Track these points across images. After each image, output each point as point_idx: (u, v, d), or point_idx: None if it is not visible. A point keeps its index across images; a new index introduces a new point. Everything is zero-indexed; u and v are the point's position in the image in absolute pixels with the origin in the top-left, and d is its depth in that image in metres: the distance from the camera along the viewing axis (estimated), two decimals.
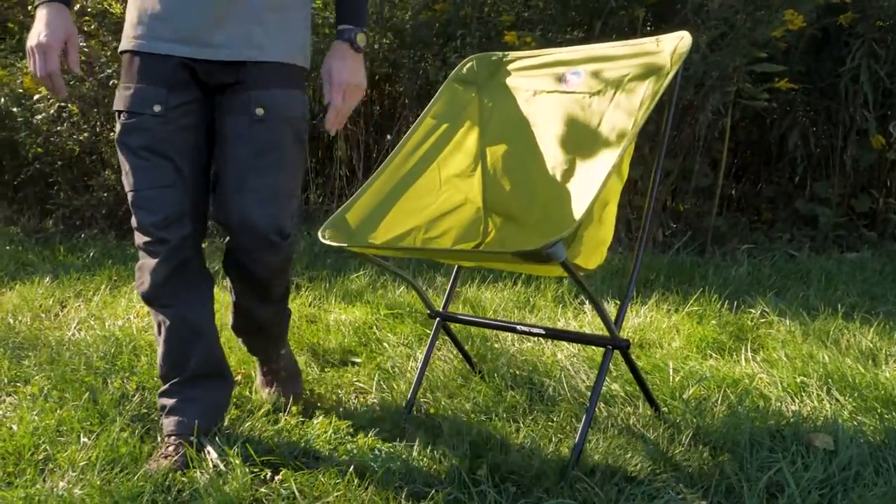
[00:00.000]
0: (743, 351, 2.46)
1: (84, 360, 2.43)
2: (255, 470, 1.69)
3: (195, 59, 1.74)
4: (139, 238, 1.80)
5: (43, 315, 3.02)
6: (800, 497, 1.54)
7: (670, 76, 1.84)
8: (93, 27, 4.62)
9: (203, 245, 1.91)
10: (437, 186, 2.18)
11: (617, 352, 1.84)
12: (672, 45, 1.90)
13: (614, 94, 2.03)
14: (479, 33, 4.74)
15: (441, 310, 2.24)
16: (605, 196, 1.78)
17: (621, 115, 1.99)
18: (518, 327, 2.05)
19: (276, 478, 1.68)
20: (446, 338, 2.36)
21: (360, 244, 1.91)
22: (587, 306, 3.04)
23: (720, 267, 3.71)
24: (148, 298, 1.82)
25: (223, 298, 2.53)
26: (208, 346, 1.88)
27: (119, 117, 1.76)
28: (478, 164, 2.25)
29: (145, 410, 2.09)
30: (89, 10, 4.49)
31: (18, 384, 2.27)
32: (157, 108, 1.72)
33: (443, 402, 2.13)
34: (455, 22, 4.83)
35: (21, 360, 2.45)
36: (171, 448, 1.79)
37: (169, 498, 1.61)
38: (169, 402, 1.88)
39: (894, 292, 3.19)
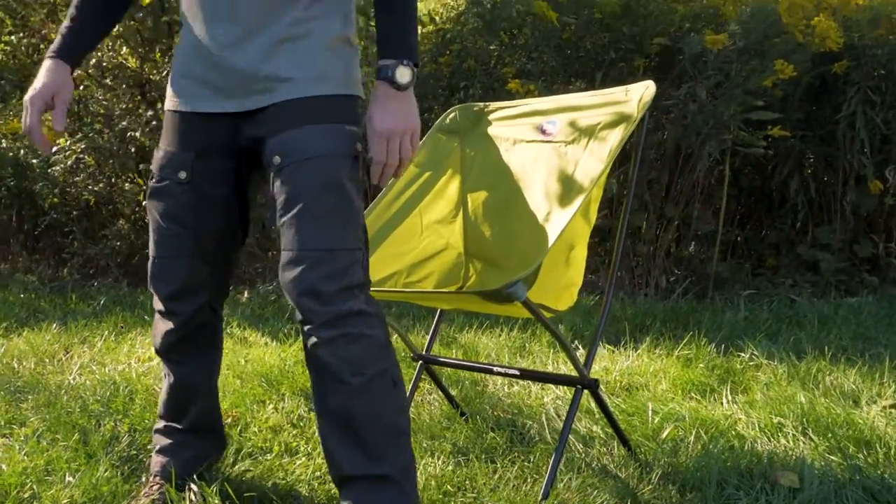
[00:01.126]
0: (725, 393, 2.48)
1: (80, 403, 2.50)
2: None
3: (215, 114, 1.64)
4: (155, 302, 1.78)
5: (47, 360, 3.10)
6: None
7: (635, 123, 1.91)
8: (108, 80, 4.78)
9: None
10: (419, 232, 2.25)
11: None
12: (639, 94, 1.98)
13: (588, 141, 2.10)
14: (483, 84, 4.86)
15: (424, 352, 2.30)
16: (570, 239, 1.84)
17: (594, 161, 2.05)
18: (494, 368, 2.10)
19: None
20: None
21: None
22: (581, 351, 3.08)
23: (717, 312, 3.73)
24: (158, 353, 1.83)
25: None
26: (207, 405, 1.91)
27: (150, 178, 1.72)
28: (459, 211, 2.32)
29: (134, 452, 2.15)
30: (104, 63, 4.66)
31: (14, 426, 2.34)
32: (182, 175, 1.64)
33: (424, 444, 2.16)
34: (459, 74, 4.95)
35: (20, 403, 2.53)
36: (154, 487, 1.84)
37: None
38: (162, 441, 1.92)
39: (887, 335, 3.20)
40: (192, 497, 1.80)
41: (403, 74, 1.53)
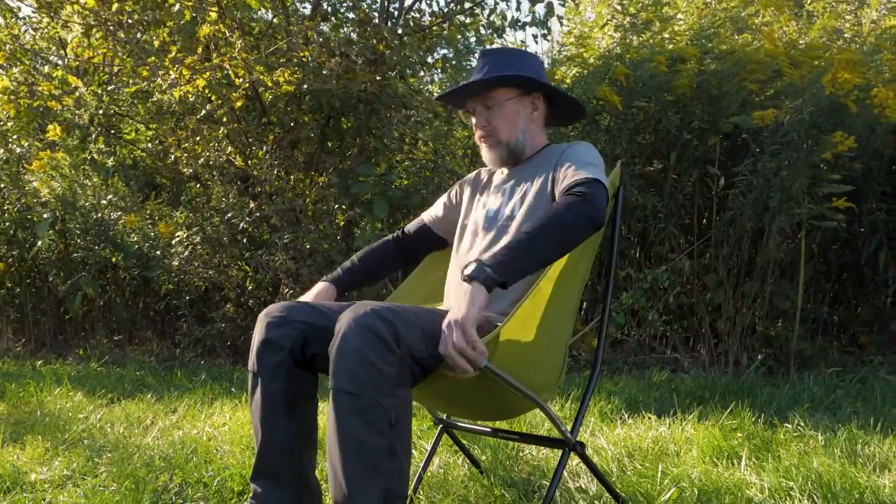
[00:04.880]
0: (750, 459, 2.48)
1: (147, 459, 2.77)
2: None
3: None
4: None
5: (134, 425, 3.43)
6: None
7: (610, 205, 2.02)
8: (216, 176, 5.28)
9: None
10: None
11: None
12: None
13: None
14: None
15: (444, 417, 2.44)
16: (547, 321, 1.92)
17: None
18: (499, 432, 2.23)
19: None
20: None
21: None
22: (622, 415, 3.12)
23: (780, 386, 3.66)
24: None
25: None
26: None
27: None
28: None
29: (180, 501, 2.38)
30: (212, 162, 5.15)
31: (87, 477, 2.63)
32: None
33: (437, 498, 2.29)
34: None
35: (97, 459, 2.83)
36: None
37: None
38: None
39: None
40: None
41: (470, 267, 1.70)
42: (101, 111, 5.93)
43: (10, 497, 2.38)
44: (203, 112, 5.01)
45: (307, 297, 2.15)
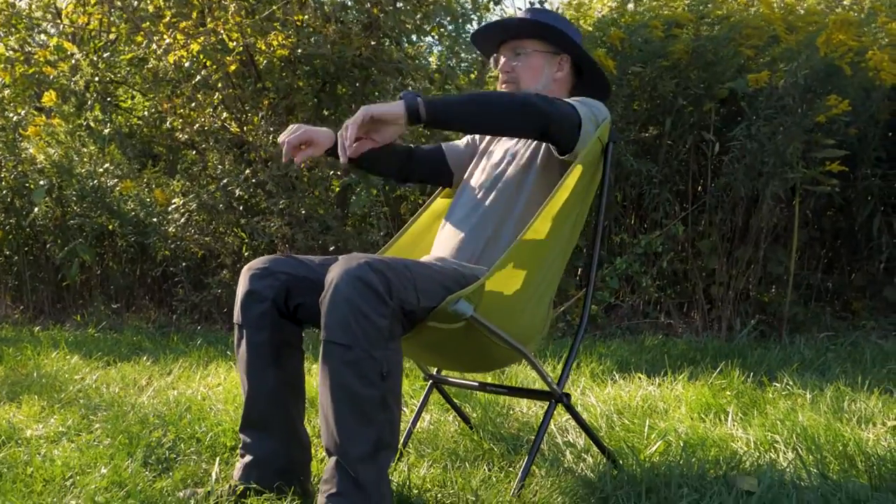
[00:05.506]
0: (737, 416, 2.51)
1: (141, 416, 2.80)
2: None
3: None
4: None
5: (130, 386, 3.46)
6: None
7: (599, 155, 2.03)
8: (212, 143, 5.28)
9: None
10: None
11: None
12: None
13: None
14: None
15: (434, 373, 2.46)
16: (534, 271, 1.94)
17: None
18: (487, 386, 2.25)
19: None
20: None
21: None
22: (613, 376, 3.15)
23: (772, 349, 3.69)
24: None
25: None
26: None
27: None
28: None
29: (173, 455, 2.41)
30: (206, 127, 5.15)
31: (82, 433, 2.66)
32: None
33: (427, 451, 2.31)
34: None
35: (92, 417, 2.85)
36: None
37: None
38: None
39: None
40: None
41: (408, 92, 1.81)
42: (96, 78, 5.91)
43: (4, 450, 2.41)
44: (198, 78, 5.00)
45: (311, 129, 1.98)
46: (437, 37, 5.93)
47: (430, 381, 2.46)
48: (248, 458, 1.97)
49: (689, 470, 1.96)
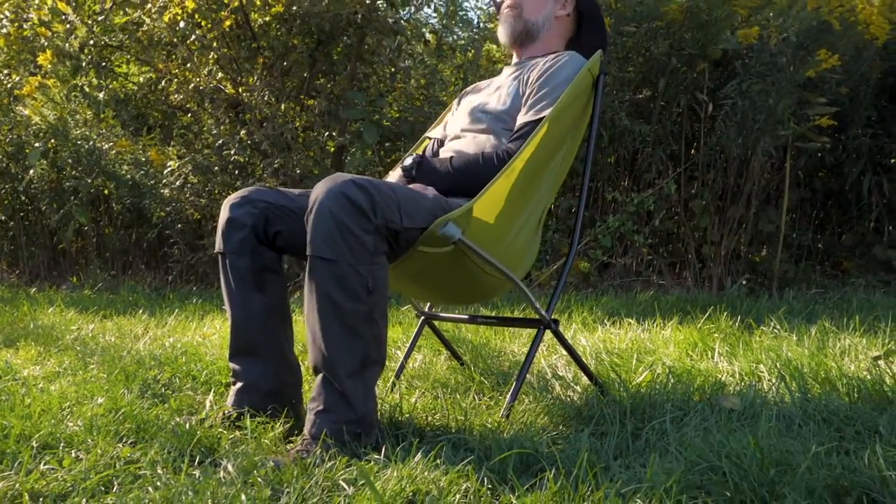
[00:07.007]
0: (723, 352, 2.55)
1: (137, 358, 2.84)
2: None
3: None
4: None
5: (126, 336, 3.49)
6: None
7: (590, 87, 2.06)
8: (207, 104, 5.28)
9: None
10: None
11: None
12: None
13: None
14: None
15: (426, 310, 2.50)
16: (520, 199, 1.97)
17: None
18: (477, 318, 2.29)
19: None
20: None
21: None
22: (604, 324, 3.19)
23: (762, 301, 3.73)
24: None
25: None
26: None
27: None
28: None
29: (169, 391, 2.44)
30: (202, 87, 5.15)
31: (79, 372, 2.69)
32: None
33: (418, 383, 2.35)
34: None
35: (89, 359, 2.89)
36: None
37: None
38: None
39: None
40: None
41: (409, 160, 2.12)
42: (91, 41, 5.90)
43: (1, 383, 2.44)
44: (193, 37, 5.00)
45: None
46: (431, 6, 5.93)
47: (422, 317, 2.50)
48: (238, 384, 2.01)
49: (674, 395, 2.00)
